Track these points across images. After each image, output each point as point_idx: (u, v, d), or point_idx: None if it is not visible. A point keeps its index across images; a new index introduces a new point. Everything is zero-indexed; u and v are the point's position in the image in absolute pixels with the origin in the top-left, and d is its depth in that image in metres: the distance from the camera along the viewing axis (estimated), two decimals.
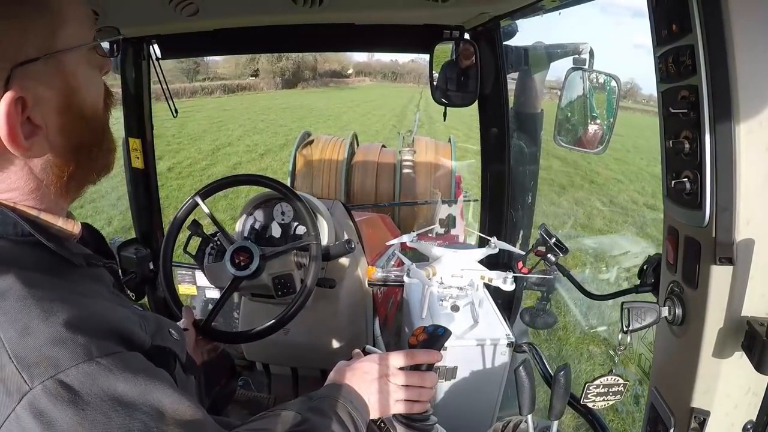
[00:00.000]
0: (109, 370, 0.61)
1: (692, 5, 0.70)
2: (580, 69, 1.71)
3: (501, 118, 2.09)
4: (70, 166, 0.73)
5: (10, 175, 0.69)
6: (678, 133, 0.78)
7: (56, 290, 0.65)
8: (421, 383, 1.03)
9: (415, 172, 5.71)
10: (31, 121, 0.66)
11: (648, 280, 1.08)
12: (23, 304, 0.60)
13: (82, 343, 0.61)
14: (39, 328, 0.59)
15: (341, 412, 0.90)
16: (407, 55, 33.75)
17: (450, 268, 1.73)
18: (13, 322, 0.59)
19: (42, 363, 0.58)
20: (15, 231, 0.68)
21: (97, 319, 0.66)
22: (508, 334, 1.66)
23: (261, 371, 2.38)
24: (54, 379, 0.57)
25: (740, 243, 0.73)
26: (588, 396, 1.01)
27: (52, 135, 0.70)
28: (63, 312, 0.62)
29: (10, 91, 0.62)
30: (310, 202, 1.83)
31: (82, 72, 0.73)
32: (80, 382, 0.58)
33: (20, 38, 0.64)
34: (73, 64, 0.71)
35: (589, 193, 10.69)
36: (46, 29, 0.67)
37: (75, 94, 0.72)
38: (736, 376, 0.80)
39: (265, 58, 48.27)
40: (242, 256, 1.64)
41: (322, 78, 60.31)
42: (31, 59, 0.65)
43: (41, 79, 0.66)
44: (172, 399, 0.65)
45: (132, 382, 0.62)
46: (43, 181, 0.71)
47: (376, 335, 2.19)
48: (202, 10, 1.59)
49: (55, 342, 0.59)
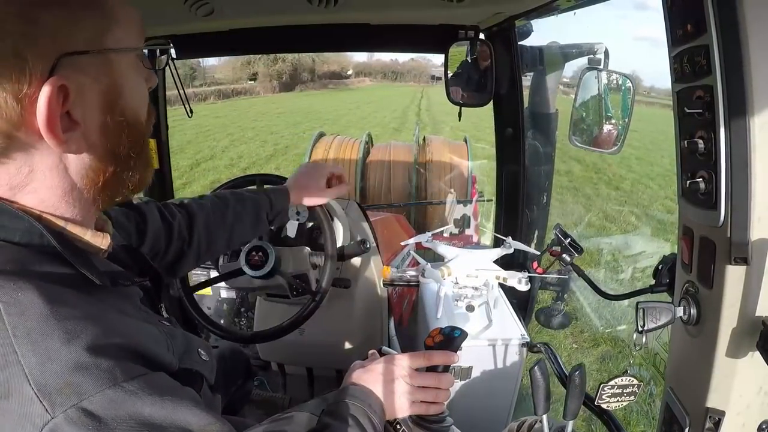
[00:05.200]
0: (135, 393, 0.60)
1: (707, 5, 0.70)
2: (595, 69, 1.71)
3: (516, 118, 2.08)
4: (107, 172, 0.72)
5: (45, 174, 0.67)
6: (693, 133, 0.78)
7: (80, 307, 0.63)
8: (438, 384, 1.02)
9: (430, 172, 5.71)
10: (70, 116, 0.66)
11: (663, 280, 1.08)
12: (45, 325, 0.59)
13: (105, 368, 0.59)
14: (61, 353, 0.58)
15: (358, 414, 0.89)
16: (407, 54, 33.26)
17: (465, 268, 1.73)
18: (33, 345, 0.57)
19: (64, 391, 0.56)
20: (40, 242, 0.66)
21: (121, 338, 0.65)
22: (522, 334, 1.66)
23: (276, 371, 2.40)
24: (77, 407, 0.56)
25: (755, 243, 0.73)
26: (603, 397, 1.01)
27: (90, 134, 0.69)
28: (86, 334, 0.60)
29: (53, 80, 0.62)
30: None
31: (129, 76, 0.73)
32: (105, 409, 0.57)
33: (71, 28, 0.64)
34: (121, 65, 0.71)
35: (619, 205, 9.40)
36: (97, 25, 0.68)
37: (119, 95, 0.72)
38: (751, 375, 0.80)
39: (262, 61, 47.32)
40: (257, 256, 1.66)
41: (321, 80, 59.21)
42: (80, 51, 0.65)
43: (87, 73, 0.67)
44: (198, 418, 0.64)
45: (159, 405, 0.61)
46: (77, 183, 0.70)
47: (391, 335, 2.19)
48: (218, 11, 1.60)
49: (78, 368, 0.58)
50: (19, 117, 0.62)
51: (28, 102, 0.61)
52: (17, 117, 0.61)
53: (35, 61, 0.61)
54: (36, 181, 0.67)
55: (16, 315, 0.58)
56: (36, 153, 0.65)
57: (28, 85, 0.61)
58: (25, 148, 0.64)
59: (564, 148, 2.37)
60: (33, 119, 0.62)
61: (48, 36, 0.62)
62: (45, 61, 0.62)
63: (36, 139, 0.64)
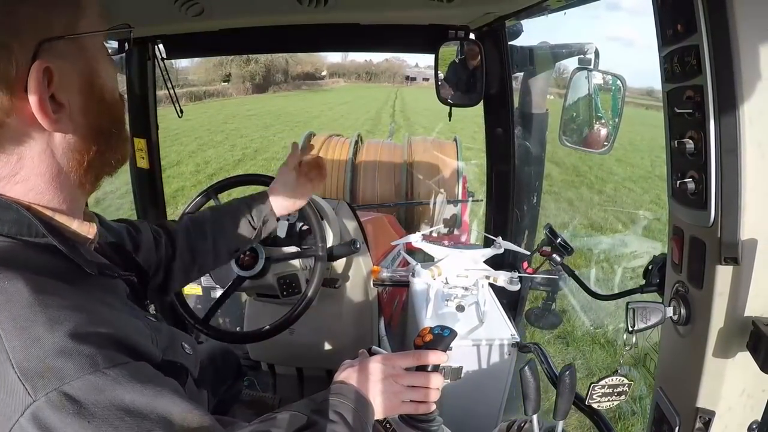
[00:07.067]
0: (116, 380, 0.61)
1: (697, 5, 0.70)
2: (585, 69, 1.71)
3: (506, 118, 2.08)
4: (91, 150, 0.75)
5: (34, 160, 0.69)
6: (683, 133, 0.78)
7: (66, 297, 0.65)
8: (427, 384, 1.02)
9: (420, 172, 5.70)
10: (55, 99, 0.68)
11: (653, 280, 1.08)
12: (30, 311, 0.60)
13: (87, 353, 0.61)
14: (44, 338, 0.59)
15: (347, 414, 0.89)
16: (381, 54, 32.99)
17: (455, 268, 1.73)
18: (18, 330, 0.59)
19: (46, 374, 0.58)
20: (29, 232, 0.68)
21: (105, 328, 0.66)
22: (513, 334, 1.66)
23: (266, 371, 2.39)
24: (58, 391, 0.57)
25: (745, 243, 0.73)
26: (593, 396, 1.01)
27: (75, 114, 0.72)
28: (70, 321, 0.62)
29: (38, 63, 0.65)
30: (315, 202, 1.83)
31: (102, 58, 0.77)
32: (86, 394, 0.59)
33: (47, 16, 0.68)
34: (93, 49, 0.75)
35: (603, 211, 9.04)
36: (69, 13, 0.71)
37: (96, 76, 0.75)
38: (741, 376, 0.80)
39: (235, 63, 47.01)
40: (247, 257, 1.66)
41: (295, 81, 58.98)
42: (57, 37, 0.68)
43: (66, 57, 0.70)
44: (180, 408, 0.65)
45: (139, 392, 0.62)
46: (63, 167, 0.72)
47: (382, 335, 2.19)
48: (207, 10, 1.59)
49: (60, 353, 0.59)
50: (9, 103, 0.64)
51: (17, 88, 0.65)
52: (8, 103, 0.64)
53: (19, 49, 0.65)
54: (25, 168, 0.69)
55: (2, 303, 0.60)
56: (25, 139, 0.68)
57: (16, 72, 0.64)
58: (16, 134, 0.67)
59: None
60: (22, 105, 0.65)
61: (28, 25, 0.66)
62: (27, 48, 0.65)
63: (27, 124, 0.67)
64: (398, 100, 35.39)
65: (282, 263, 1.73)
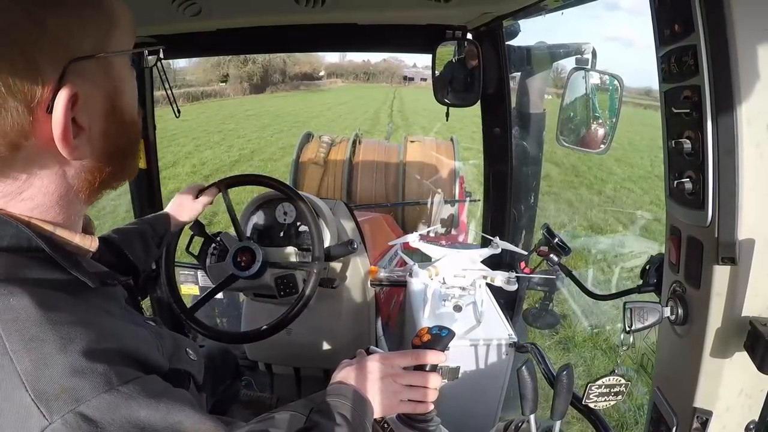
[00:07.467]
0: (130, 397, 0.60)
1: (695, 6, 0.70)
2: (582, 69, 1.71)
3: (504, 118, 2.08)
4: (104, 172, 0.72)
5: (43, 180, 0.66)
6: (680, 133, 0.78)
7: (73, 313, 0.63)
8: (425, 384, 1.02)
9: (417, 172, 5.69)
10: (76, 122, 0.65)
11: (650, 280, 1.08)
12: (39, 330, 0.58)
13: (101, 372, 0.59)
14: (57, 359, 0.57)
15: (346, 413, 0.89)
16: (379, 55, 32.92)
17: (452, 268, 1.73)
18: (29, 351, 0.57)
19: (61, 396, 0.56)
20: (29, 246, 0.65)
21: (114, 342, 0.65)
22: (510, 334, 1.66)
23: (264, 371, 2.38)
24: (74, 413, 0.56)
25: (742, 243, 0.73)
26: (590, 396, 1.01)
27: (94, 138, 0.68)
28: (81, 338, 0.60)
29: (67, 87, 0.61)
30: (313, 202, 1.83)
31: (127, 77, 0.73)
32: (102, 413, 0.57)
33: (78, 33, 0.64)
34: (120, 67, 0.71)
35: (602, 212, 8.90)
36: (101, 29, 0.67)
37: (120, 98, 0.72)
38: (738, 376, 0.80)
39: (233, 63, 46.80)
40: (244, 257, 1.65)
41: (293, 81, 58.64)
42: (87, 56, 0.64)
43: (92, 79, 0.66)
44: (192, 420, 0.65)
45: (154, 408, 0.62)
46: (73, 187, 0.69)
47: (379, 335, 2.19)
48: (205, 10, 1.59)
49: (75, 372, 0.58)
50: (30, 126, 0.61)
51: (39, 109, 0.60)
52: (28, 126, 0.61)
53: (46, 67, 0.60)
54: (33, 188, 0.66)
55: (9, 321, 0.58)
56: (38, 160, 0.64)
57: (41, 94, 0.60)
58: (30, 157, 0.63)
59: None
60: (42, 127, 0.62)
61: (57, 41, 0.61)
62: (56, 67, 0.61)
63: (42, 147, 0.63)
64: (396, 100, 35.30)
65: (279, 264, 1.72)
